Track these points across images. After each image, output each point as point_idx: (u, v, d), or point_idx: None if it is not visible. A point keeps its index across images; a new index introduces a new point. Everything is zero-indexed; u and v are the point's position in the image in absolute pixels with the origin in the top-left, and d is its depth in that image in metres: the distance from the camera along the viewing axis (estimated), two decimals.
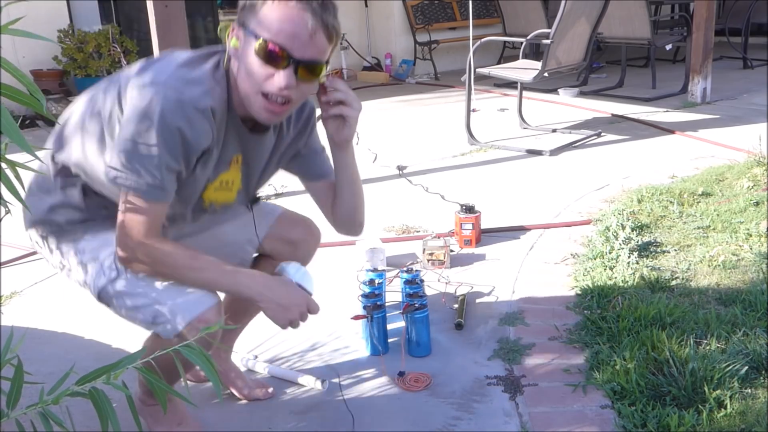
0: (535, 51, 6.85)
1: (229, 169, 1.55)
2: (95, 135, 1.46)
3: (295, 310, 1.50)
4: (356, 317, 2.12)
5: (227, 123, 1.47)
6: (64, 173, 1.53)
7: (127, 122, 1.36)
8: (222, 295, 1.56)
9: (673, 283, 2.45)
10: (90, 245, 1.54)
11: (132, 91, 1.37)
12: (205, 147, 1.41)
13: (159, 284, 1.47)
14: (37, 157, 0.88)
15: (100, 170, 1.46)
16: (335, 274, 2.70)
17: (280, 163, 1.71)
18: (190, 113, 1.34)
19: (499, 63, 6.35)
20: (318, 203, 1.77)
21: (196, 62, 1.42)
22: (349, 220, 1.73)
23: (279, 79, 1.35)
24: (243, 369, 2.02)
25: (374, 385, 1.97)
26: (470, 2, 5.81)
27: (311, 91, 1.45)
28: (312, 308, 1.54)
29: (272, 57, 1.34)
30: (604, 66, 7.48)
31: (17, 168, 1.01)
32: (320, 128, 1.64)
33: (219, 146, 1.48)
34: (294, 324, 1.51)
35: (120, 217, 1.42)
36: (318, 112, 1.63)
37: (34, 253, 3.06)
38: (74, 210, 1.55)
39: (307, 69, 1.36)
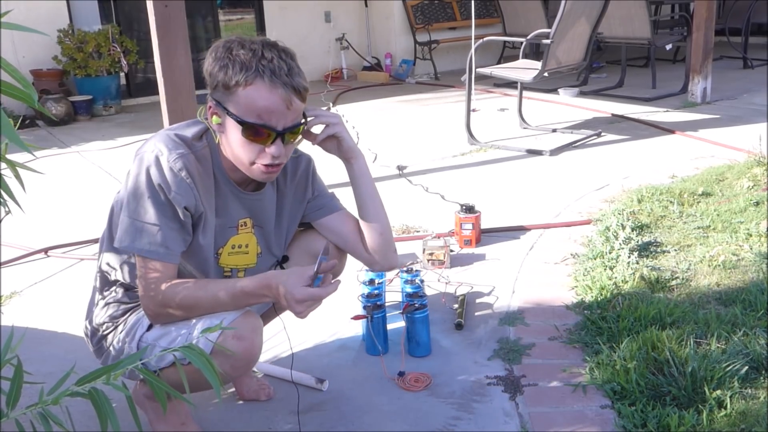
0: (535, 51, 6.85)
1: (238, 233, 1.63)
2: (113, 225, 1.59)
3: (293, 304, 1.43)
4: (356, 317, 2.12)
5: (220, 188, 1.56)
6: (104, 281, 1.66)
7: (127, 192, 1.48)
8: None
9: (673, 283, 2.45)
10: (129, 323, 1.63)
11: (131, 165, 1.51)
12: (189, 205, 1.48)
13: (184, 324, 1.52)
14: (33, 155, 0.88)
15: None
16: None
17: (293, 218, 1.75)
18: (167, 172, 1.45)
19: (499, 63, 6.34)
20: (346, 243, 1.74)
21: (182, 128, 1.55)
22: (381, 244, 1.70)
23: (269, 151, 1.46)
24: None
25: (374, 385, 1.97)
26: (472, 2, 5.80)
27: (297, 143, 1.58)
28: (305, 276, 1.44)
29: (259, 136, 1.45)
30: (604, 66, 7.48)
31: (17, 168, 1.01)
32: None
33: (213, 210, 1.56)
34: (306, 312, 1.44)
35: (137, 281, 1.51)
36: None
37: (34, 253, 3.06)
38: (119, 304, 1.65)
39: (291, 133, 1.48)
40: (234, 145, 1.48)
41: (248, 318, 1.49)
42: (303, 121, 1.51)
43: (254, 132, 1.44)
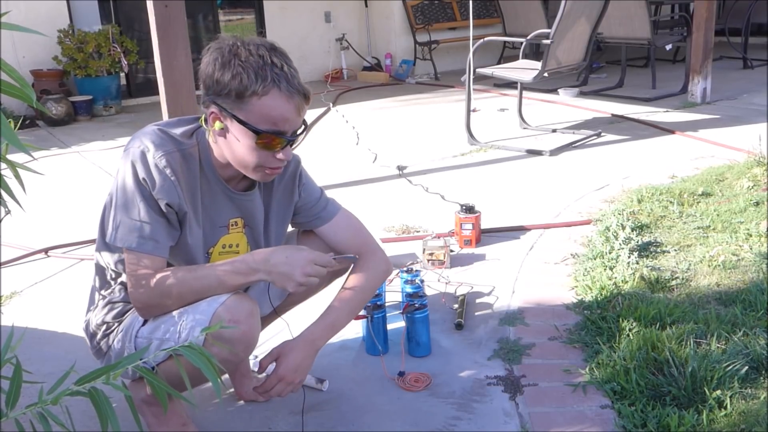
0: (535, 51, 6.85)
1: (229, 233, 1.64)
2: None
3: (298, 271, 1.48)
4: (356, 317, 2.12)
5: (210, 186, 1.57)
6: (102, 281, 1.66)
7: (115, 188, 1.50)
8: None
9: (673, 283, 2.45)
10: (126, 323, 1.63)
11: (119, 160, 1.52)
12: (171, 202, 1.48)
13: (177, 312, 1.52)
14: (31, 156, 0.88)
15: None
16: None
17: (280, 220, 1.74)
18: (152, 168, 1.46)
19: (499, 63, 6.34)
20: (340, 251, 1.77)
21: (172, 125, 1.56)
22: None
23: (279, 157, 1.49)
24: None
25: (374, 385, 1.97)
26: (470, 2, 5.81)
27: None
28: (319, 261, 1.52)
29: (273, 144, 1.47)
30: (604, 66, 7.47)
31: (17, 168, 1.01)
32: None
33: (199, 209, 1.56)
34: (305, 284, 1.49)
35: (126, 277, 1.52)
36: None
37: (34, 253, 3.06)
38: (119, 303, 1.65)
39: (297, 136, 1.52)
40: (241, 150, 1.48)
41: (242, 301, 1.48)
42: (304, 123, 1.52)
43: (268, 141, 1.46)
